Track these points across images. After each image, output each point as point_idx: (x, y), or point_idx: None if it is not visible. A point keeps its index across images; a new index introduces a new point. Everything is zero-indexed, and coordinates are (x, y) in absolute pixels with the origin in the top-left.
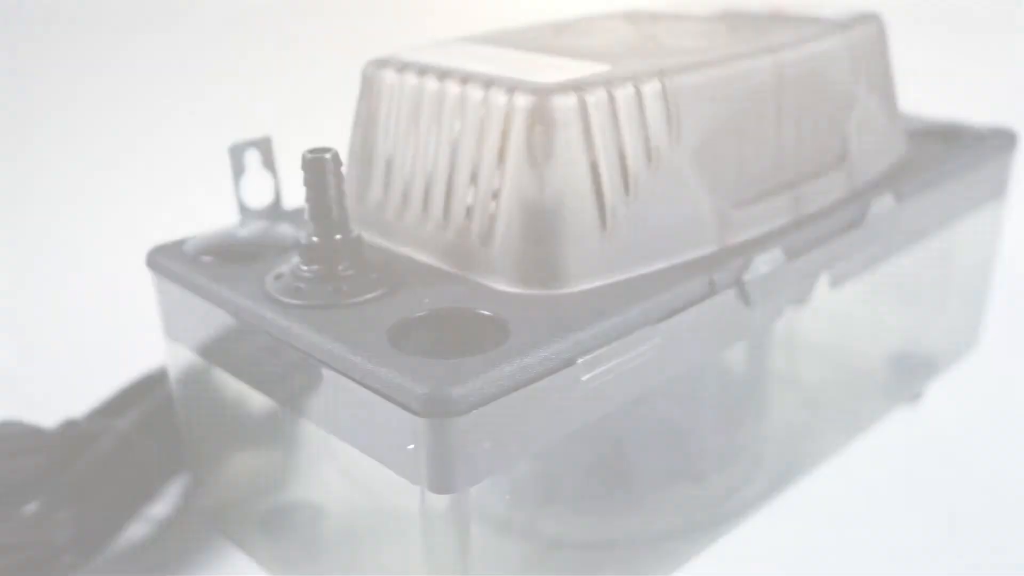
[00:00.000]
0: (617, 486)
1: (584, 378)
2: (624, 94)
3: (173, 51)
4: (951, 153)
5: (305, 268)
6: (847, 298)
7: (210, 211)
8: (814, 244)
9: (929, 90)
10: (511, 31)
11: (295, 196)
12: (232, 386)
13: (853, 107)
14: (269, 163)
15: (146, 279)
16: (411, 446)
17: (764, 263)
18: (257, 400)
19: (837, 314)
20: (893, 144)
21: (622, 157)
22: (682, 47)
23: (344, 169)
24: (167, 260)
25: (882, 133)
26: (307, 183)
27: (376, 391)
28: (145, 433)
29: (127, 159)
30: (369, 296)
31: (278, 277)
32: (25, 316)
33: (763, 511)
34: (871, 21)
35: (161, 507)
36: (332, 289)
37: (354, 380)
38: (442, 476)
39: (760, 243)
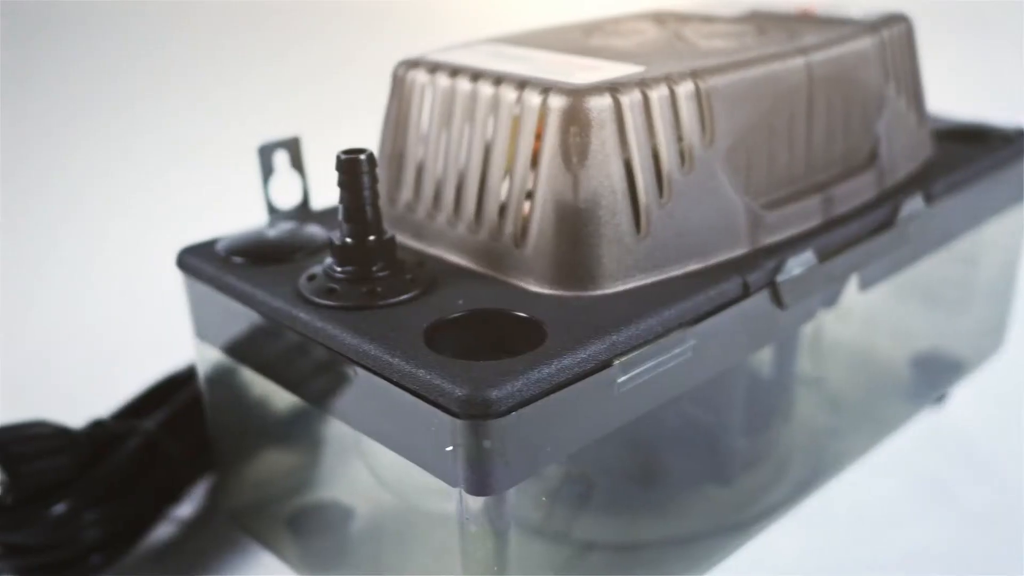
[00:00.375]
0: (645, 489)
1: (620, 380)
2: (658, 95)
3: (203, 52)
4: (978, 154)
5: (339, 269)
6: (873, 300)
7: (230, 212)
8: (846, 246)
9: (946, 89)
10: (539, 32)
11: (321, 197)
12: (262, 387)
13: (883, 108)
14: (298, 163)
15: (169, 279)
16: (449, 448)
17: (797, 265)
18: (286, 401)
19: (863, 316)
20: (921, 145)
21: (656, 158)
22: (713, 48)
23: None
24: (198, 261)
25: (911, 134)
26: (341, 184)
27: (414, 393)
28: (172, 433)
29: (156, 160)
30: (404, 297)
31: (311, 278)
32: (51, 316)
33: (791, 514)
34: (900, 21)
35: (188, 508)
36: (366, 291)
37: (391, 382)
38: (480, 478)
39: (792, 245)
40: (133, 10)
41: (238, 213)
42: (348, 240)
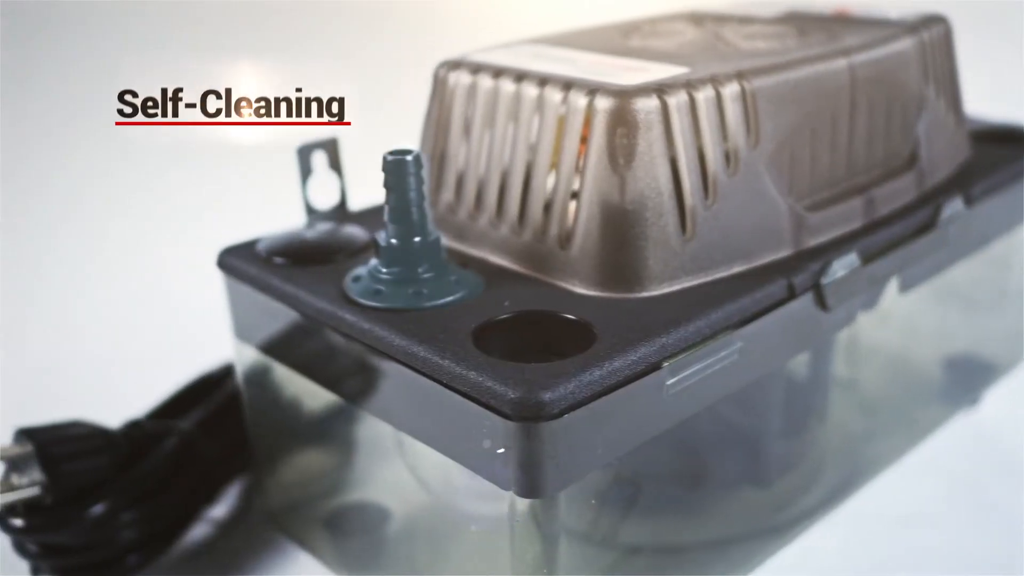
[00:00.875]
0: (687, 491)
1: (669, 382)
2: (704, 96)
3: (236, 52)
4: (1015, 156)
5: (384, 271)
6: (906, 303)
7: (232, 213)
8: (888, 248)
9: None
10: (577, 33)
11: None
12: (303, 387)
13: (923, 109)
14: (336, 164)
15: (192, 279)
16: (501, 450)
17: (841, 267)
18: (326, 401)
19: (897, 319)
20: (959, 147)
21: (702, 160)
22: (755, 49)
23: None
24: (239, 262)
25: (950, 135)
26: (387, 185)
27: (464, 394)
28: (207, 434)
29: (158, 160)
30: (450, 299)
31: (356, 279)
32: (68, 318)
33: (829, 517)
34: (939, 23)
35: (222, 508)
36: (412, 292)
37: (441, 383)
38: (532, 481)
39: (835, 247)
40: (133, 10)
41: (239, 214)
42: (393, 241)
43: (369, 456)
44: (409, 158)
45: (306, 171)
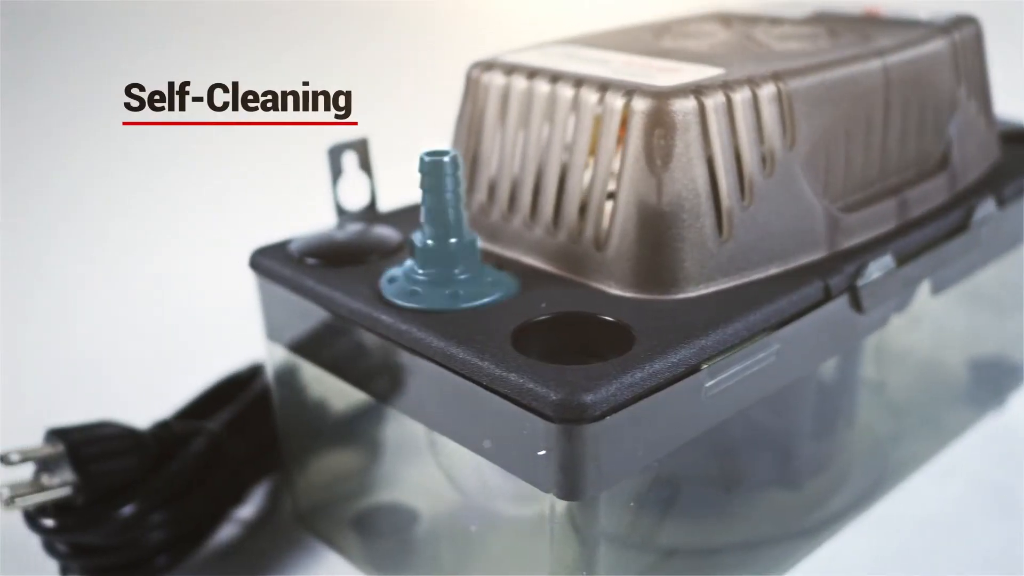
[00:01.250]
0: (718, 493)
1: (708, 384)
2: (741, 97)
3: (238, 53)
4: None
5: (420, 272)
6: (934, 305)
7: (231, 213)
8: (922, 249)
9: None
10: (608, 33)
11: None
12: (335, 388)
13: (955, 111)
14: (366, 165)
15: (211, 278)
16: (542, 452)
17: (877, 269)
18: (359, 402)
19: (925, 321)
20: (990, 148)
21: (738, 161)
22: (788, 50)
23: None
24: (271, 262)
25: (981, 136)
26: (424, 185)
27: (505, 396)
28: (236, 434)
29: (158, 161)
30: (487, 300)
31: (391, 280)
32: (98, 318)
33: (861, 518)
34: (970, 23)
35: (250, 508)
36: (449, 293)
37: (481, 385)
38: (572, 483)
39: (870, 248)
40: (134, 10)
41: (241, 213)
42: (429, 242)
43: (398, 457)
44: (447, 159)
45: (336, 171)
